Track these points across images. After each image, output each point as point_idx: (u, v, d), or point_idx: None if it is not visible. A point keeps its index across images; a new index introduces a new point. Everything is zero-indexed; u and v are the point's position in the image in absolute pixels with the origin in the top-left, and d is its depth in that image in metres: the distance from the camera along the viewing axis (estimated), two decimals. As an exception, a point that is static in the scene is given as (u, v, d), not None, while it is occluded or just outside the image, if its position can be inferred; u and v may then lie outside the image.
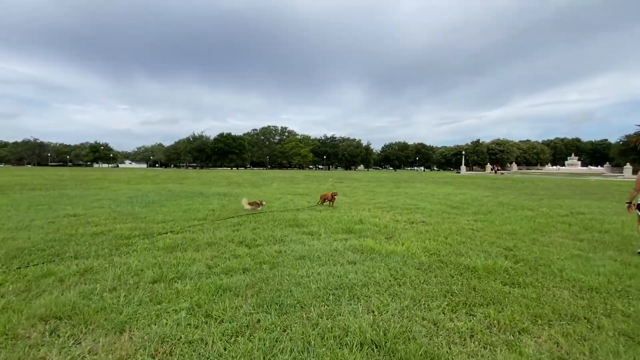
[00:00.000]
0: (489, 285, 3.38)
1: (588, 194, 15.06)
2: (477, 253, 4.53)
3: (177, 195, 11.60)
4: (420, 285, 3.39)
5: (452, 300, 3.01)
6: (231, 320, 2.60)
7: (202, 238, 5.25)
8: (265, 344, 2.26)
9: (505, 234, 5.79)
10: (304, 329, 2.47)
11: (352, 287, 3.31)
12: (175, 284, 3.32)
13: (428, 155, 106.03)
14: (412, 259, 4.26)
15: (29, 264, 3.90)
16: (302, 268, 3.86)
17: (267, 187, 16.75)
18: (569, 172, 64.36)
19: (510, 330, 2.51)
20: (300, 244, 4.94)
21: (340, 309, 2.81)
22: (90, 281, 3.43)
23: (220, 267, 3.84)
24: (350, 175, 38.65)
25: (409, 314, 2.74)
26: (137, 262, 3.99)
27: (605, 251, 4.73)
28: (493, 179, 32.72)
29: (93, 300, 2.96)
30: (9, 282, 3.33)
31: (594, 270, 3.83)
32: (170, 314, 2.71)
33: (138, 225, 6.20)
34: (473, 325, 2.57)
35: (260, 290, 3.19)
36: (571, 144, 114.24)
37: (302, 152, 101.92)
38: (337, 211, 8.15)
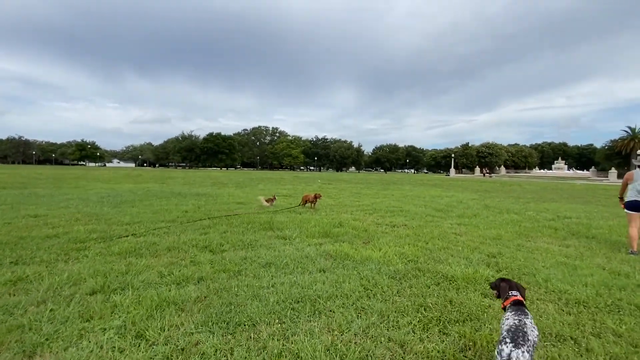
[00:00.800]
0: (467, 297, 3.07)
1: (574, 198, 15.06)
2: (457, 260, 4.23)
3: (153, 195, 11.09)
4: (392, 297, 3.05)
5: (425, 316, 2.68)
6: (165, 343, 2.22)
7: (164, 242, 4.83)
8: None
9: (489, 239, 5.52)
10: (248, 354, 2.11)
11: (316, 300, 2.95)
12: (114, 296, 2.91)
13: (418, 158, 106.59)
14: (388, 266, 3.93)
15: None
16: (264, 277, 3.49)
17: (251, 188, 16.30)
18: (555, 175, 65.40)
19: (487, 354, 2.19)
20: (269, 250, 4.57)
21: (297, 328, 2.45)
22: (20, 292, 3.00)
23: (174, 276, 3.45)
24: (339, 177, 38.37)
25: (374, 333, 2.39)
26: (82, 270, 3.56)
27: (592, 259, 4.48)
28: (481, 182, 32.88)
29: (14, 315, 2.54)
30: None
31: (582, 280, 3.56)
32: (95, 334, 2.31)
33: (99, 227, 5.73)
34: (445, 347, 2.25)
35: (210, 304, 2.81)
36: (558, 148, 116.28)
37: (293, 153, 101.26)
38: (317, 213, 7.79)
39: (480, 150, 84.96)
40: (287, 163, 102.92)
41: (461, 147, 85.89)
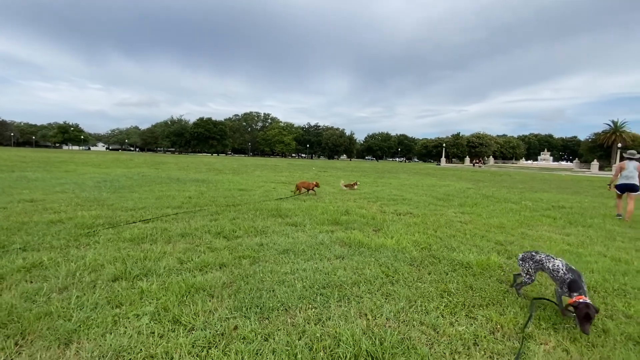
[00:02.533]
0: (485, 283, 3.17)
1: (563, 188, 15.50)
2: (468, 248, 4.34)
3: (150, 181, 10.89)
4: (414, 283, 3.13)
5: (450, 301, 2.77)
6: (203, 328, 2.23)
7: (176, 228, 4.79)
8: (243, 357, 1.92)
9: (493, 227, 5.67)
10: (289, 338, 2.14)
11: (342, 285, 3.00)
12: (139, 283, 2.90)
13: (410, 147, 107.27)
14: (403, 253, 4.01)
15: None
16: (285, 263, 3.52)
17: (248, 175, 16.18)
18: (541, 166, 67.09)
19: (515, 336, 2.29)
20: (283, 236, 4.59)
21: (330, 312, 2.50)
22: (37, 279, 2.94)
23: (194, 262, 3.43)
24: (333, 165, 38.40)
25: (406, 318, 2.46)
26: (98, 256, 3.51)
27: (593, 246, 4.67)
28: (473, 172, 33.42)
29: (37, 303, 2.50)
30: None
31: (588, 267, 3.72)
32: (130, 320, 2.30)
33: (103, 213, 5.63)
34: (475, 330, 2.33)
35: (239, 289, 2.83)
36: (544, 140, 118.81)
37: (285, 140, 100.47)
38: (322, 201, 7.82)
39: (470, 140, 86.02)
40: (279, 150, 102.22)
41: (452, 137, 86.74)
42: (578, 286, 2.44)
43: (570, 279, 2.51)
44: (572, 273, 2.55)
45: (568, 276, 2.53)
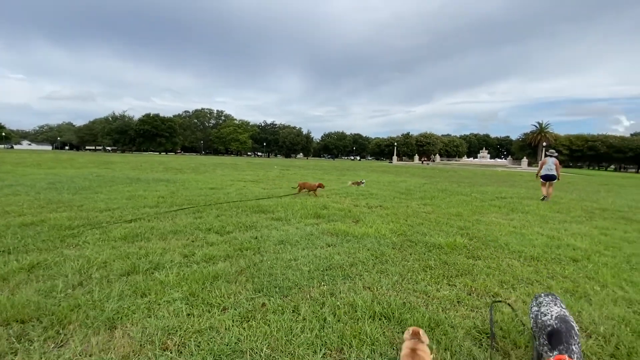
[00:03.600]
0: (456, 259, 3.82)
1: (501, 182, 17.58)
2: (437, 232, 5.04)
3: (110, 181, 10.30)
4: (400, 262, 3.67)
5: (433, 274, 3.34)
6: (235, 307, 2.51)
7: (164, 226, 4.84)
8: (282, 325, 2.26)
9: (453, 215, 6.52)
10: (313, 308, 2.52)
11: (341, 266, 3.44)
12: (154, 275, 3.05)
13: (364, 146, 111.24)
14: (384, 239, 4.56)
15: (-52, 262, 3.16)
16: (285, 252, 3.85)
17: (210, 174, 15.86)
18: (481, 163, 73.86)
19: (486, 294, 2.91)
20: (274, 230, 4.89)
21: (339, 288, 2.92)
22: (44, 278, 2.94)
23: (198, 256, 3.62)
24: (293, 163, 38.63)
25: (401, 288, 2.97)
26: (96, 254, 3.53)
27: (532, 228, 5.67)
28: (422, 169, 35.94)
29: (58, 298, 2.56)
30: None
31: (530, 243, 4.60)
32: (163, 305, 2.50)
33: (76, 215, 5.41)
34: (457, 293, 2.91)
35: (253, 275, 3.12)
36: (482, 139, 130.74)
37: (240, 138, 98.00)
38: (298, 197, 8.18)
39: (419, 139, 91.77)
40: (234, 148, 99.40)
41: (402, 137, 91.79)
42: (560, 341, 1.67)
43: (553, 327, 1.76)
44: (562, 323, 1.77)
45: (552, 323, 1.79)
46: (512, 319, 2.47)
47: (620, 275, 3.42)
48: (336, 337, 2.14)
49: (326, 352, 2.01)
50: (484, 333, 2.28)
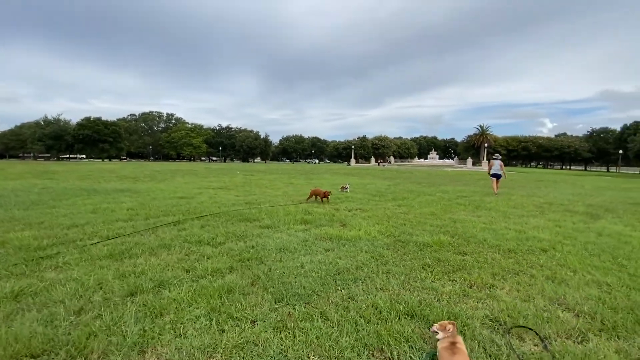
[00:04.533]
0: (447, 256, 4.14)
1: (455, 182, 19.01)
2: (421, 232, 5.38)
3: (62, 194, 9.31)
4: (400, 262, 3.89)
5: (432, 271, 3.60)
6: (263, 319, 2.51)
7: (148, 241, 4.56)
8: (318, 331, 2.32)
9: (428, 215, 6.99)
10: (340, 312, 2.61)
11: (348, 270, 3.56)
12: (164, 293, 2.91)
13: (322, 149, 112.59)
14: (376, 241, 4.77)
15: None
16: (288, 260, 3.88)
17: (171, 182, 15.02)
18: (431, 164, 78.73)
19: (484, 287, 3.23)
20: (266, 238, 4.85)
21: (355, 291, 3.04)
22: (37, 306, 2.66)
23: (200, 270, 3.50)
24: (254, 168, 37.88)
25: (411, 286, 3.18)
26: (86, 276, 3.26)
27: (499, 223, 6.29)
28: (381, 170, 37.41)
29: (64, 326, 2.35)
30: None
31: (503, 237, 5.12)
32: (188, 324, 2.42)
33: (43, 233, 4.88)
34: (459, 287, 3.19)
35: (267, 285, 3.11)
36: (430, 141, 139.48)
37: (194, 143, 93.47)
38: (277, 204, 8.13)
39: (374, 142, 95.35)
40: (187, 153, 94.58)
41: (359, 139, 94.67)
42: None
43: None
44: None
45: None
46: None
47: (584, 261, 3.99)
48: (374, 338, 2.26)
49: (369, 353, 2.12)
50: (495, 321, 2.55)
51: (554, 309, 2.76)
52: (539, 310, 2.72)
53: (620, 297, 2.99)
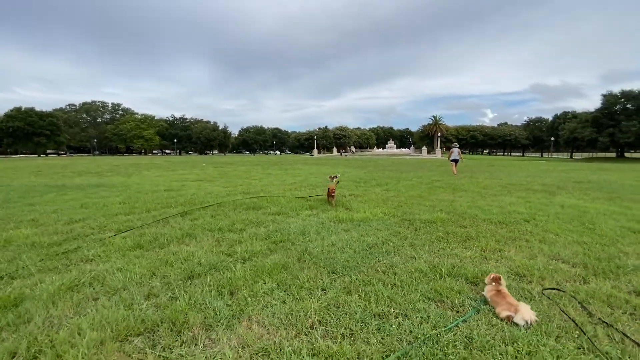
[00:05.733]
0: (452, 229, 4.71)
1: (419, 168, 20.29)
2: (419, 211, 5.94)
3: (28, 192, 8.51)
4: (418, 236, 4.37)
5: (447, 242, 4.12)
6: (331, 287, 2.80)
7: (168, 232, 4.55)
8: (388, 292, 2.66)
9: (416, 197, 7.62)
10: (391, 277, 2.98)
11: (376, 245, 3.94)
12: (224, 274, 3.06)
13: (284, 140, 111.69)
14: (386, 220, 5.22)
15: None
16: (318, 240, 4.15)
17: (140, 176, 14.24)
18: (390, 153, 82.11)
19: (494, 251, 3.81)
20: (283, 223, 5.06)
21: (394, 260, 3.43)
22: (105, 294, 2.68)
23: (241, 253, 3.66)
24: (217, 160, 36.70)
25: (438, 254, 3.65)
26: (129, 266, 3.27)
27: (480, 201, 7.10)
28: (346, 160, 38.41)
29: (147, 310, 2.44)
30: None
31: (490, 212, 5.85)
32: (264, 297, 2.63)
33: (44, 230, 4.63)
34: (476, 252, 3.73)
35: (314, 262, 3.38)
36: (387, 132, 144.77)
37: (145, 135, 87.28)
38: (270, 193, 8.25)
39: (335, 132, 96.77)
40: (139, 146, 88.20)
41: (321, 130, 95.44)
42: None
43: None
44: None
45: None
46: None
47: (561, 227, 4.79)
48: (433, 293, 2.67)
49: (435, 304, 2.52)
50: (516, 274, 3.09)
51: (554, 263, 3.39)
52: (544, 265, 3.33)
53: (598, 251, 3.74)
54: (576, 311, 2.41)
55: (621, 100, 50.03)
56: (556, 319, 2.28)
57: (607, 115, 51.23)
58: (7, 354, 1.94)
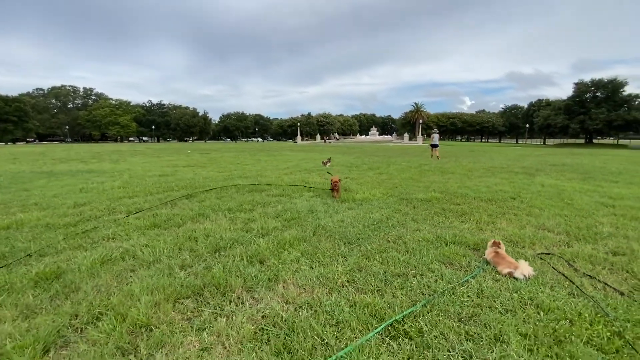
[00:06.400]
0: (448, 206, 5.09)
1: (405, 154, 20.85)
2: (415, 191, 6.31)
3: (18, 179, 8.27)
4: (418, 212, 4.72)
5: (445, 216, 4.49)
6: (350, 255, 3.08)
7: (178, 213, 4.68)
8: (402, 257, 2.98)
9: (409, 179, 8.00)
10: (402, 245, 3.30)
11: (382, 221, 4.25)
12: (246, 247, 3.27)
13: (266, 127, 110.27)
14: (386, 200, 5.55)
15: None
16: (327, 217, 4.41)
17: (127, 162, 13.95)
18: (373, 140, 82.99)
19: (489, 223, 4.20)
20: (289, 204, 5.28)
21: (401, 232, 3.75)
22: (137, 266, 2.85)
23: (258, 229, 3.87)
24: (199, 147, 36.01)
25: (439, 226, 4.00)
26: (155, 242, 3.42)
27: (468, 182, 7.57)
28: (332, 147, 38.66)
29: (186, 277, 2.63)
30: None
31: (479, 191, 6.30)
32: (293, 264, 2.88)
33: (52, 212, 4.65)
34: (472, 225, 4.11)
35: (328, 235, 3.65)
36: (370, 119, 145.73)
37: (121, 121, 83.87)
38: (268, 177, 8.41)
39: (319, 119, 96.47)
40: (115, 133, 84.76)
41: (304, 117, 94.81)
42: None
43: None
44: None
45: None
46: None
47: (544, 203, 5.28)
48: (442, 257, 3.00)
49: (444, 265, 2.85)
50: (510, 241, 3.49)
51: (541, 232, 3.82)
52: (533, 234, 3.74)
53: (578, 222, 4.21)
54: (564, 268, 2.81)
55: (591, 88, 52.55)
56: (549, 274, 2.67)
57: (578, 103, 53.77)
58: (69, 315, 2.10)
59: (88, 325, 2.00)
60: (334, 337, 1.87)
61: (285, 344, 1.81)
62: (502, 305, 2.20)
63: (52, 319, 2.05)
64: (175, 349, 1.80)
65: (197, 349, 1.79)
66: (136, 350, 1.79)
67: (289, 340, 1.84)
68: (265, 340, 1.87)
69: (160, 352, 1.77)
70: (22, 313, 2.15)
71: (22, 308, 2.20)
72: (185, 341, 1.86)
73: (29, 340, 1.83)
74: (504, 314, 2.09)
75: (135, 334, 1.93)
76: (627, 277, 2.66)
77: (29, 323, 2.03)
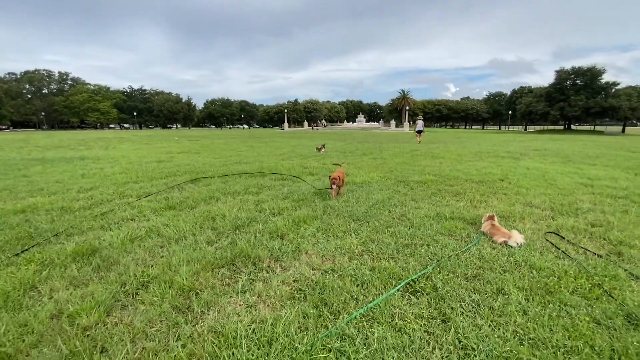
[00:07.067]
0: (442, 187, 5.45)
1: (394, 141, 21.24)
2: (410, 174, 6.64)
3: (13, 165, 8.13)
4: (415, 193, 5.04)
5: (442, 196, 4.84)
6: (361, 230, 3.37)
7: (191, 195, 4.86)
8: (409, 231, 3.29)
9: (402, 163, 8.34)
10: (407, 222, 3.61)
11: (384, 201, 4.55)
12: (263, 225, 3.51)
13: (253, 113, 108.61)
14: (384, 182, 5.86)
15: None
16: (331, 199, 4.68)
17: (117, 150, 13.75)
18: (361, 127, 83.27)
19: (481, 201, 4.57)
20: (294, 187, 5.51)
21: (403, 210, 4.06)
22: (165, 242, 3.05)
23: (270, 209, 4.11)
24: (185, 134, 35.38)
25: (437, 205, 4.34)
26: (173, 221, 3.62)
27: (459, 165, 7.97)
28: (320, 133, 38.65)
29: (212, 251, 2.86)
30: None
31: (470, 173, 6.70)
32: (310, 238, 3.14)
33: (65, 197, 4.74)
34: (467, 203, 4.47)
35: (337, 214, 3.92)
36: (357, 105, 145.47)
37: (100, 107, 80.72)
38: (267, 163, 8.57)
39: (306, 106, 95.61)
40: (94, 120, 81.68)
41: (291, 103, 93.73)
42: None
43: None
44: None
45: None
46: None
47: (530, 183, 5.71)
48: (445, 229, 3.34)
49: (447, 237, 3.18)
50: (503, 216, 3.86)
51: (529, 209, 4.21)
52: (522, 210, 4.13)
53: (560, 199, 4.63)
54: (551, 237, 3.19)
55: (571, 76, 54.04)
56: (538, 242, 3.04)
57: (558, 90, 55.30)
58: (117, 284, 2.31)
59: (139, 291, 2.22)
60: (361, 294, 2.17)
61: (322, 299, 2.09)
62: (501, 267, 2.54)
63: (103, 287, 2.25)
64: (224, 307, 2.05)
65: (244, 307, 2.05)
66: (189, 309, 2.03)
67: (323, 296, 2.12)
68: (302, 298, 2.14)
69: (212, 310, 2.02)
70: (71, 283, 2.34)
71: (70, 279, 2.39)
72: (232, 301, 2.11)
73: (90, 304, 2.04)
74: (502, 274, 2.43)
75: (185, 297, 2.16)
76: (604, 243, 3.06)
77: (81, 291, 2.23)
